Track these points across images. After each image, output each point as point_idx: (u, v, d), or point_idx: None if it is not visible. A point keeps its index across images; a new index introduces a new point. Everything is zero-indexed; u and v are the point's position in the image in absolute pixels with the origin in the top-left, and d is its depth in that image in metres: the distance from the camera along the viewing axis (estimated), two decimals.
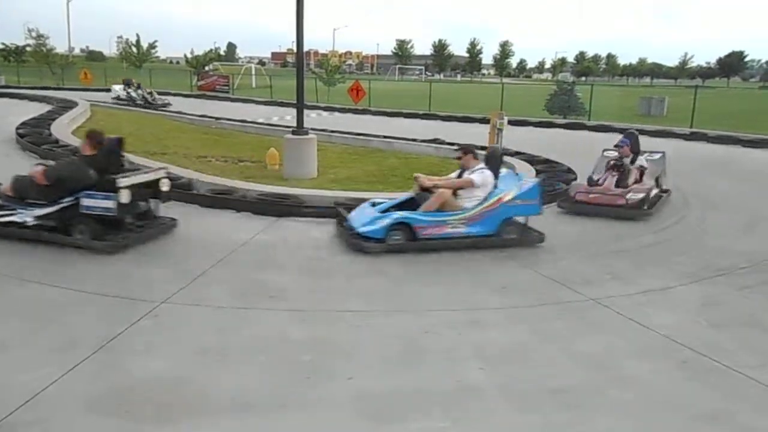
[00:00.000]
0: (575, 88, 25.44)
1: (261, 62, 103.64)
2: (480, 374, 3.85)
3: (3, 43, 46.83)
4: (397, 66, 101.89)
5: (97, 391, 3.46)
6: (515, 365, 4.01)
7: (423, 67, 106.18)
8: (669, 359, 4.10)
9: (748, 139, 16.52)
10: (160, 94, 27.69)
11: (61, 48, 56.16)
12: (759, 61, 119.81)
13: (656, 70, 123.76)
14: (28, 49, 48.41)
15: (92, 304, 4.67)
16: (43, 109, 18.96)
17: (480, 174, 6.65)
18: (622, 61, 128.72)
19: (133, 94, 25.69)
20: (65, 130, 14.00)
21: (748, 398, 3.61)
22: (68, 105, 19.53)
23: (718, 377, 3.86)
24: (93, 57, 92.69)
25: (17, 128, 13.34)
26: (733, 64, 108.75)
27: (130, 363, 3.80)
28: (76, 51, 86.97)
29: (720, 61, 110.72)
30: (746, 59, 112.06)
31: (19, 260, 5.57)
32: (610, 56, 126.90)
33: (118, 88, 27.05)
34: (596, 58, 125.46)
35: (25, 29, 48.21)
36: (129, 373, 3.68)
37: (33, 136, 12.52)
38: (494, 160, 6.97)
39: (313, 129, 11.23)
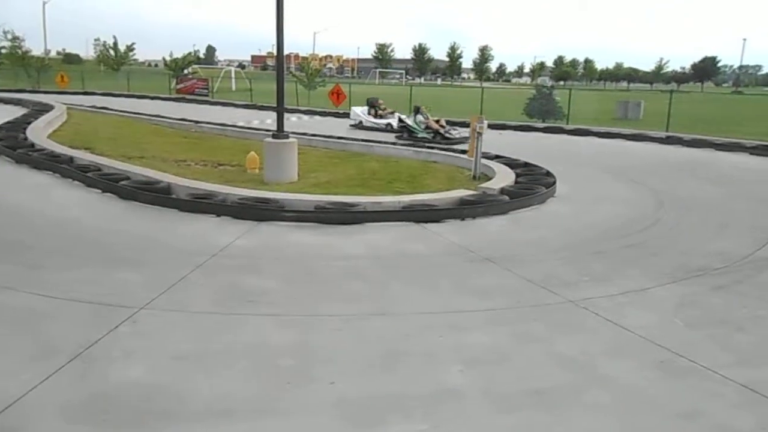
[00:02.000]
0: (554, 92, 25.73)
1: (241, 65, 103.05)
2: (460, 377, 3.87)
3: None
4: (378, 69, 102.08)
5: (74, 399, 3.41)
6: (495, 367, 4.03)
7: (403, 71, 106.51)
8: (646, 359, 4.16)
9: (720, 143, 16.85)
10: (138, 97, 27.08)
11: (37, 50, 55.30)
12: (731, 66, 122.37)
13: (633, 75, 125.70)
14: (3, 51, 47.55)
15: (70, 311, 4.61)
16: (18, 112, 18.70)
17: None
18: (600, 65, 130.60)
19: (410, 122, 17.29)
20: (41, 134, 13.79)
21: (724, 397, 3.67)
22: (44, 108, 19.26)
23: (695, 377, 3.93)
24: (70, 60, 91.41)
25: None
26: (706, 70, 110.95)
27: (108, 370, 3.75)
28: (53, 53, 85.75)
29: (694, 66, 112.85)
30: (719, 65, 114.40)
31: None
32: (587, 61, 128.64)
33: (360, 112, 20.51)
34: (574, 63, 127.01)
35: (0, 31, 47.32)
36: (107, 380, 3.63)
37: (8, 140, 12.33)
38: None
39: (293, 133, 11.21)
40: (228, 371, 3.84)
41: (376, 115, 20.35)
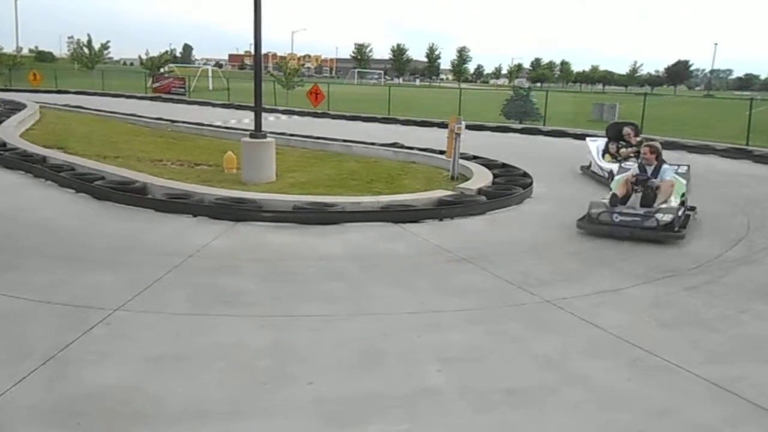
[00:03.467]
0: (531, 93, 25.98)
1: (218, 64, 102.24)
2: (438, 376, 3.89)
3: None
4: (356, 70, 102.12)
5: (48, 402, 3.36)
6: (473, 366, 4.07)
7: (382, 71, 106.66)
8: (620, 358, 4.22)
9: (692, 145, 17.16)
10: (113, 96, 26.64)
11: (8, 48, 54.27)
12: (703, 70, 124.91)
13: (608, 78, 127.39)
14: None
15: (43, 312, 4.54)
16: None
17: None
18: (576, 68, 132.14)
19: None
20: (13, 133, 13.53)
21: (695, 394, 3.75)
22: (16, 107, 18.90)
23: (667, 375, 4.00)
24: (42, 57, 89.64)
25: None
26: (679, 73, 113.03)
27: (82, 373, 3.70)
28: (25, 51, 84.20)
29: (668, 69, 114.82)
30: (691, 68, 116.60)
31: None
32: (564, 63, 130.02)
33: (596, 150, 12.15)
34: (551, 65, 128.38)
35: None
36: (81, 383, 3.58)
37: None
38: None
39: (271, 132, 11.15)
40: (204, 373, 3.81)
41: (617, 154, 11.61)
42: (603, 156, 11.94)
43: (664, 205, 7.45)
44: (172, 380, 3.69)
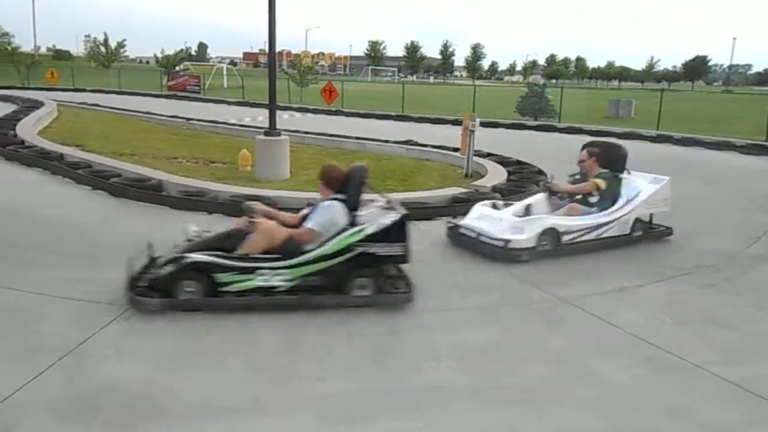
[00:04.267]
0: (546, 90, 25.82)
1: (233, 62, 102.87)
2: (451, 373, 3.89)
3: None
4: (370, 67, 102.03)
5: (64, 397, 3.40)
6: (486, 364, 4.05)
7: (396, 69, 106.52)
8: (635, 356, 4.19)
9: (710, 142, 16.97)
10: (129, 94, 26.77)
11: (26, 47, 54.97)
12: (722, 65, 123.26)
13: (624, 74, 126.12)
14: None
15: (60, 308, 4.59)
16: (7, 109, 18.56)
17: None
18: (591, 64, 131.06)
19: None
20: (31, 130, 13.71)
21: (710, 394, 3.71)
22: (34, 105, 19.15)
23: (682, 374, 3.96)
24: (60, 56, 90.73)
25: None
26: (697, 69, 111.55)
27: (99, 368, 3.75)
28: (42, 50, 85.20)
29: (685, 65, 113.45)
30: (710, 64, 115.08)
31: None
32: (579, 59, 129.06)
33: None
34: (566, 61, 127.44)
35: None
36: (97, 378, 3.63)
37: None
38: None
39: (285, 130, 11.19)
40: (219, 369, 3.84)
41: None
42: None
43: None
44: (187, 375, 3.72)
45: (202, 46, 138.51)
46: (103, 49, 63.65)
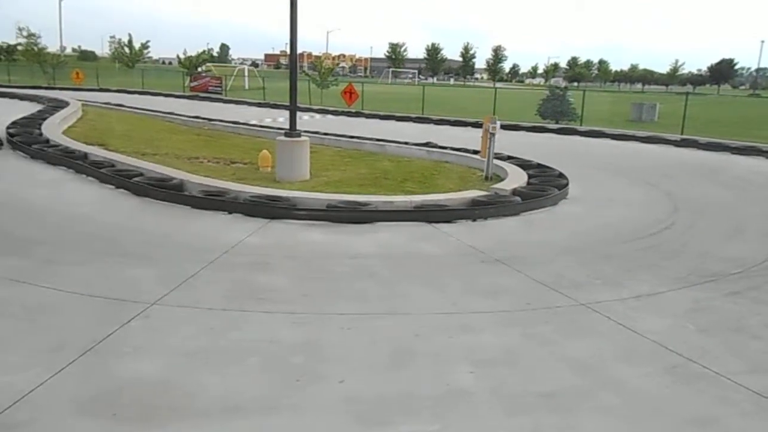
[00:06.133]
0: (567, 93, 25.59)
1: (254, 64, 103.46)
2: (470, 377, 3.85)
3: None
4: (391, 69, 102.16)
5: (85, 393, 3.44)
6: (505, 369, 4.01)
7: (416, 71, 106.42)
8: (657, 364, 4.12)
9: (736, 146, 16.69)
10: (152, 94, 27.06)
11: (52, 47, 55.91)
12: (748, 68, 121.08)
13: (648, 77, 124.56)
14: (19, 47, 48.15)
15: (81, 305, 4.64)
16: (33, 108, 18.88)
17: None
18: (614, 67, 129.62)
19: None
20: (56, 130, 13.92)
21: (736, 404, 3.63)
22: (59, 104, 19.43)
23: (707, 383, 3.88)
24: (85, 56, 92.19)
25: (7, 128, 13.30)
26: (723, 72, 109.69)
27: (119, 365, 3.78)
28: (68, 50, 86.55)
29: (711, 68, 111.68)
30: (736, 67, 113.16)
31: (7, 260, 5.53)
32: (602, 62, 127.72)
33: None
34: (588, 64, 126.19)
35: (16, 28, 48.01)
36: (117, 375, 3.66)
37: (23, 135, 12.44)
38: None
39: (305, 131, 11.23)
40: (238, 368, 3.85)
41: None
42: None
43: None
44: (206, 374, 3.74)
45: (224, 48, 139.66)
46: (127, 50, 64.67)
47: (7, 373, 3.59)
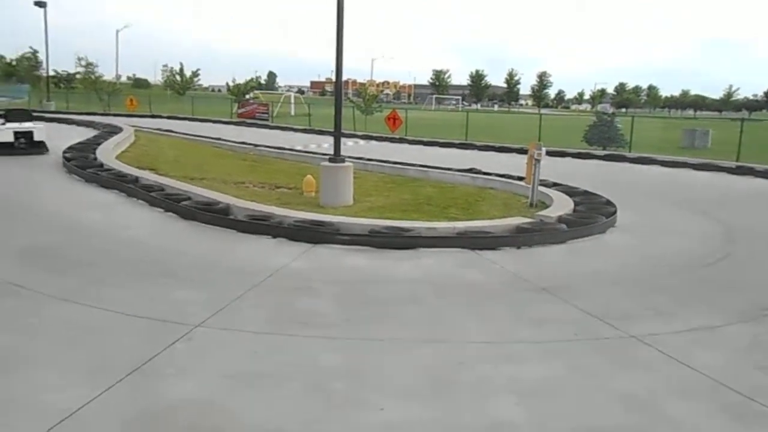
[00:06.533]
0: (615, 119, 25.13)
1: (300, 91, 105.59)
2: (514, 409, 3.74)
3: (55, 71, 49.09)
4: (434, 96, 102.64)
5: (131, 412, 3.48)
6: (551, 401, 3.88)
7: (460, 97, 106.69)
8: (714, 402, 3.91)
9: None
10: (201, 121, 27.57)
11: (108, 75, 58.36)
12: None
13: (700, 102, 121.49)
14: (78, 76, 50.46)
15: (127, 326, 4.73)
16: (89, 133, 19.63)
17: None
18: (664, 92, 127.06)
19: None
20: (110, 154, 14.43)
21: None
22: (113, 130, 20.16)
23: (767, 422, 3.66)
24: (138, 84, 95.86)
25: (64, 152, 13.85)
26: None
27: (164, 386, 3.82)
28: (123, 78, 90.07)
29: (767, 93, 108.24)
30: None
31: (60, 280, 5.70)
32: (651, 87, 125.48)
33: None
34: (637, 90, 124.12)
35: (76, 58, 50.49)
36: (162, 396, 3.69)
37: (79, 160, 12.94)
38: None
39: (349, 157, 11.32)
40: (279, 391, 3.84)
41: None
42: None
43: None
44: (247, 397, 3.74)
45: (272, 75, 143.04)
46: (178, 77, 67.04)
47: (54, 391, 3.66)
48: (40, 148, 14.78)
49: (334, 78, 10.54)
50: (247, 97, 52.02)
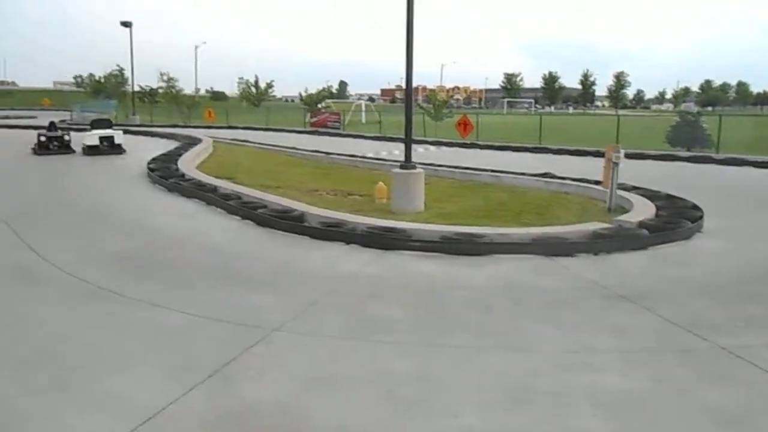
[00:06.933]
0: (701, 118, 23.87)
1: (371, 99, 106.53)
2: (594, 421, 3.60)
3: (139, 86, 51.80)
4: (506, 99, 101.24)
5: (211, 413, 3.61)
6: (633, 414, 3.71)
7: (532, 100, 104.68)
8: None
9: None
10: (275, 131, 28.07)
11: (188, 89, 61.08)
12: None
13: None
14: (160, 90, 53.07)
15: (208, 329, 4.92)
16: (171, 145, 20.60)
17: None
18: (755, 88, 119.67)
19: None
20: (190, 165, 15.09)
21: None
22: (193, 141, 21.08)
23: None
24: (216, 97, 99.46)
25: (148, 163, 14.67)
26: None
27: (243, 388, 3.93)
28: (202, 92, 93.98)
29: None
30: None
31: (147, 285, 6.00)
32: (741, 84, 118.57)
33: None
34: (725, 87, 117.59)
35: (158, 73, 53.15)
36: (241, 398, 3.81)
37: (162, 170, 13.62)
38: None
39: (420, 163, 11.32)
40: (353, 395, 3.87)
41: None
42: None
43: None
44: (323, 401, 3.80)
45: (343, 84, 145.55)
46: (253, 89, 69.19)
47: (141, 390, 3.85)
48: (119, 149, 18.42)
49: (404, 85, 10.58)
50: (320, 106, 53.03)
